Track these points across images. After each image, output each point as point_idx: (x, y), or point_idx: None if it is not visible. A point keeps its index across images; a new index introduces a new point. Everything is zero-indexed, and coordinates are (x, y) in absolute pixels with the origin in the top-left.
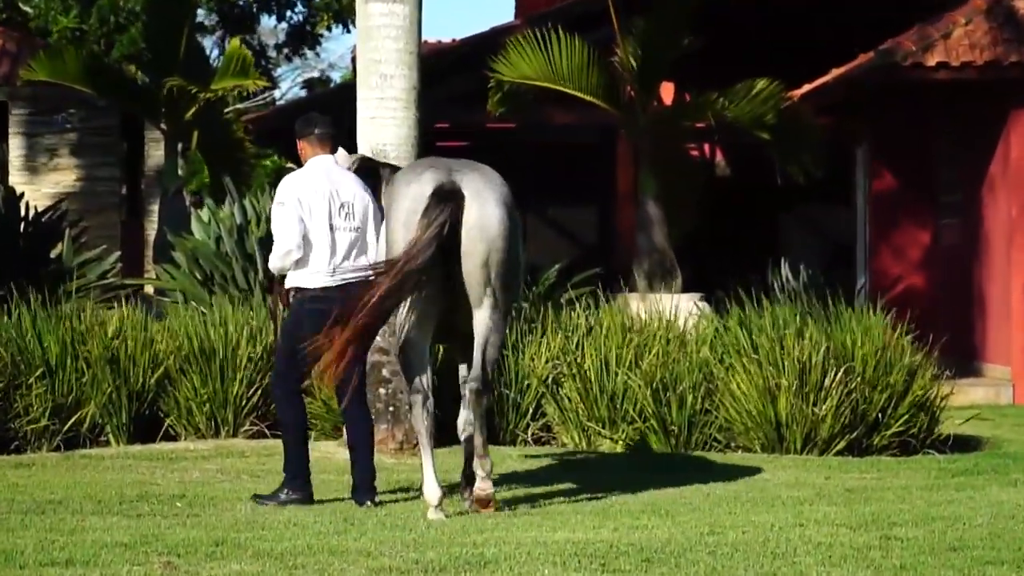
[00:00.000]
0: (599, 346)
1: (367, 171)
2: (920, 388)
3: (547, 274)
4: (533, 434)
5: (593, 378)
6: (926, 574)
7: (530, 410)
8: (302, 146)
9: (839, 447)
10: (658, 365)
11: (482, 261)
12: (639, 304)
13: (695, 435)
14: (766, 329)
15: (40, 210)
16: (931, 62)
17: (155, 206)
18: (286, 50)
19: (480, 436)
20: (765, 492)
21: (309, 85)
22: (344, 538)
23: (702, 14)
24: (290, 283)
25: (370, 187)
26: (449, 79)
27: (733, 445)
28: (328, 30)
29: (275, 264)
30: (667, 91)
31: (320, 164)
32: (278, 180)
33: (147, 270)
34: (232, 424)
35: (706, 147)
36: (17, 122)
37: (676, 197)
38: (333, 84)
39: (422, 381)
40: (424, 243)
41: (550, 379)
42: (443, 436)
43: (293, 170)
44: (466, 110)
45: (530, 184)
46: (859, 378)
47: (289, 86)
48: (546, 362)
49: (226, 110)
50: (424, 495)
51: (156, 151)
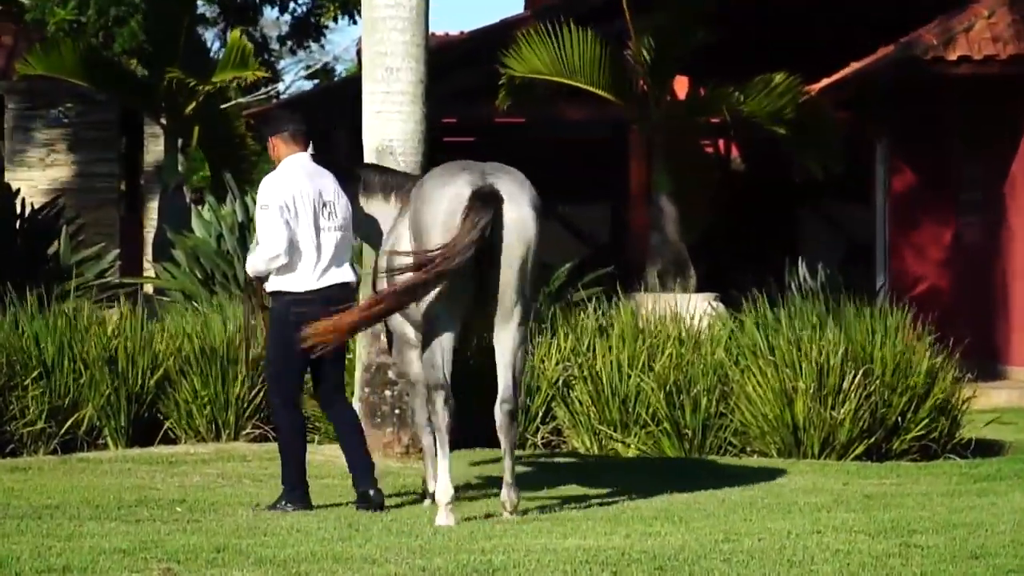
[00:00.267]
0: (611, 347)
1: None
2: (941, 391)
3: (558, 273)
4: (543, 438)
5: (605, 380)
6: None
7: (540, 414)
8: (275, 144)
9: (858, 452)
10: (672, 367)
11: (520, 265)
12: (652, 304)
13: (710, 439)
14: (783, 330)
15: (37, 207)
16: (952, 56)
17: (154, 203)
18: (290, 43)
19: (511, 460)
20: (782, 498)
21: (313, 75)
22: (348, 544)
23: (717, 6)
24: (274, 287)
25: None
26: (457, 73)
27: (749, 449)
28: (334, 21)
29: (258, 267)
30: (681, 85)
31: (298, 163)
32: None
33: (146, 268)
34: (233, 427)
35: (721, 143)
36: (13, 116)
37: (690, 194)
38: (338, 76)
39: (446, 378)
40: (465, 245)
41: (560, 381)
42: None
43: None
44: (474, 105)
45: (540, 181)
46: (878, 381)
47: (292, 79)
48: (556, 364)
49: (227, 104)
50: (437, 496)
51: (156, 146)
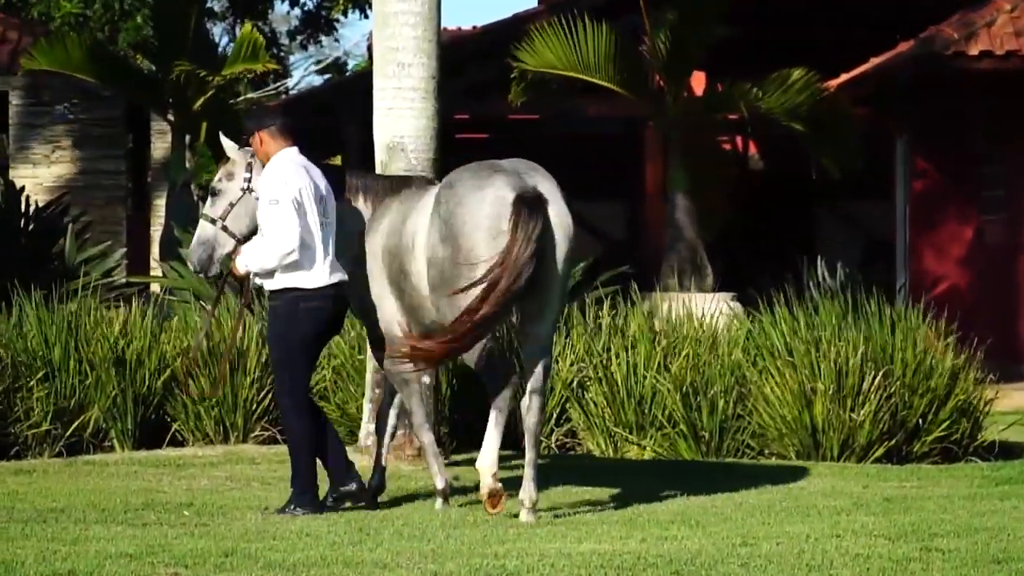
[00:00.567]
0: (627, 348)
1: None
2: (962, 392)
3: (572, 272)
4: (557, 440)
5: (620, 382)
6: None
7: (554, 415)
8: (262, 139)
9: (878, 454)
10: (688, 368)
11: (564, 262)
12: (668, 304)
13: (727, 441)
14: (801, 330)
15: (42, 204)
16: (974, 51)
17: (162, 200)
18: (300, 38)
19: (535, 452)
20: (800, 501)
21: (324, 71)
22: (359, 549)
23: (734, 2)
24: (281, 284)
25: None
26: (469, 68)
27: (767, 452)
28: (344, 15)
29: (267, 264)
30: (697, 81)
31: (294, 157)
32: None
33: (153, 267)
34: (242, 429)
35: (738, 139)
36: (17, 113)
37: (707, 191)
38: (349, 71)
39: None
40: (526, 260)
41: (575, 383)
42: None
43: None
44: (487, 101)
45: (555, 177)
46: (899, 382)
47: (302, 75)
48: (571, 365)
49: (236, 100)
50: (482, 465)
51: (163, 143)
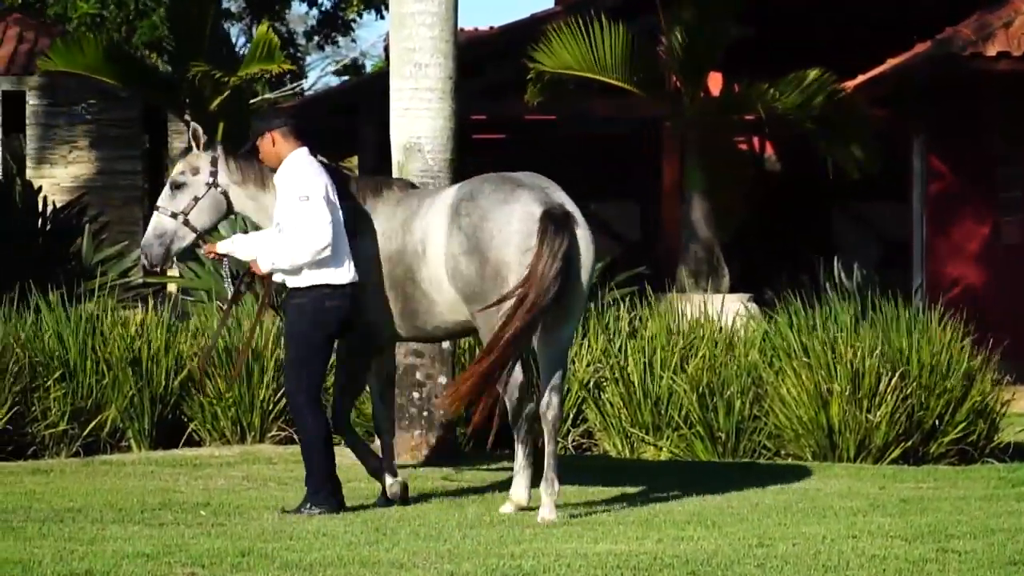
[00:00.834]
0: (643, 349)
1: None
2: (979, 394)
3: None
4: (574, 441)
5: (636, 382)
6: None
7: (570, 416)
8: (275, 139)
9: (894, 455)
10: (705, 369)
11: (589, 278)
12: (685, 304)
13: (743, 442)
14: (818, 331)
15: (59, 205)
16: (991, 52)
17: None
18: (316, 38)
19: (554, 445)
20: (816, 502)
21: (341, 72)
22: (376, 549)
23: (751, 1)
24: (310, 281)
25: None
26: (486, 69)
27: (783, 453)
28: (359, 16)
29: (298, 261)
30: (714, 81)
31: (309, 157)
32: None
33: (170, 268)
34: (259, 429)
35: (755, 140)
36: (34, 113)
37: (724, 192)
38: (365, 72)
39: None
40: (554, 276)
41: (591, 383)
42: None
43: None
44: (504, 101)
45: (570, 178)
46: (915, 383)
47: (319, 76)
48: (587, 365)
49: (253, 100)
50: (516, 499)
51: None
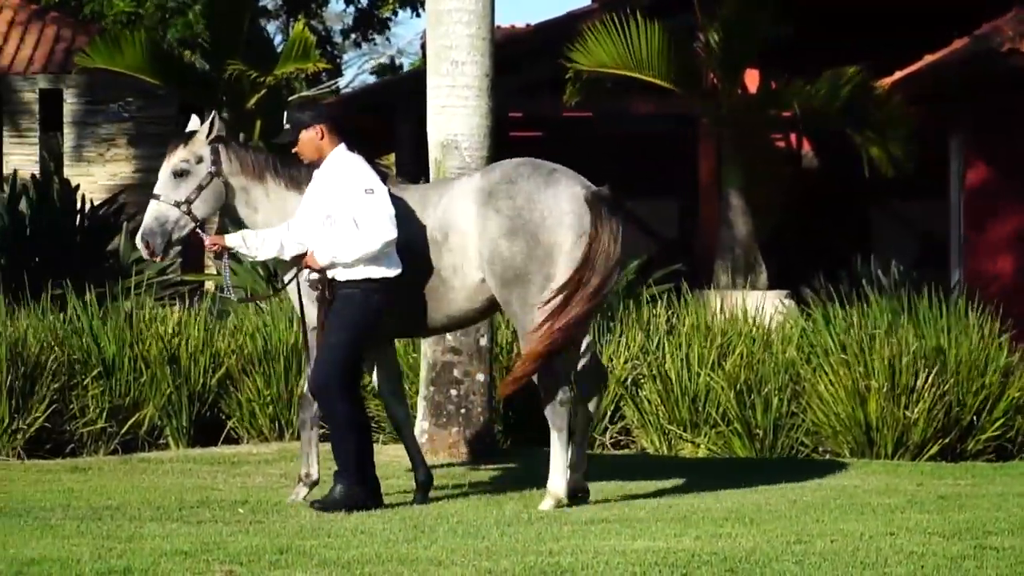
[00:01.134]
0: (680, 346)
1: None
2: (1017, 390)
3: (626, 270)
4: (611, 438)
5: (674, 379)
6: None
7: (608, 413)
8: (322, 131)
9: (932, 452)
10: (742, 366)
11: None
12: (722, 302)
13: (781, 439)
14: (855, 328)
15: (96, 203)
16: None
17: None
18: (353, 35)
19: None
20: (854, 499)
21: (378, 72)
22: (414, 546)
23: None
24: (364, 274)
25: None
26: (523, 66)
27: (821, 449)
28: (395, 14)
29: (369, 252)
30: (751, 78)
31: (353, 152)
32: None
33: (207, 265)
34: (297, 426)
35: (792, 137)
36: (72, 111)
37: (761, 189)
38: (403, 71)
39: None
40: (617, 259)
41: (629, 380)
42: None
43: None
44: (541, 99)
45: (607, 176)
46: (952, 380)
47: (356, 73)
48: (625, 362)
49: (291, 98)
50: (552, 490)
51: None
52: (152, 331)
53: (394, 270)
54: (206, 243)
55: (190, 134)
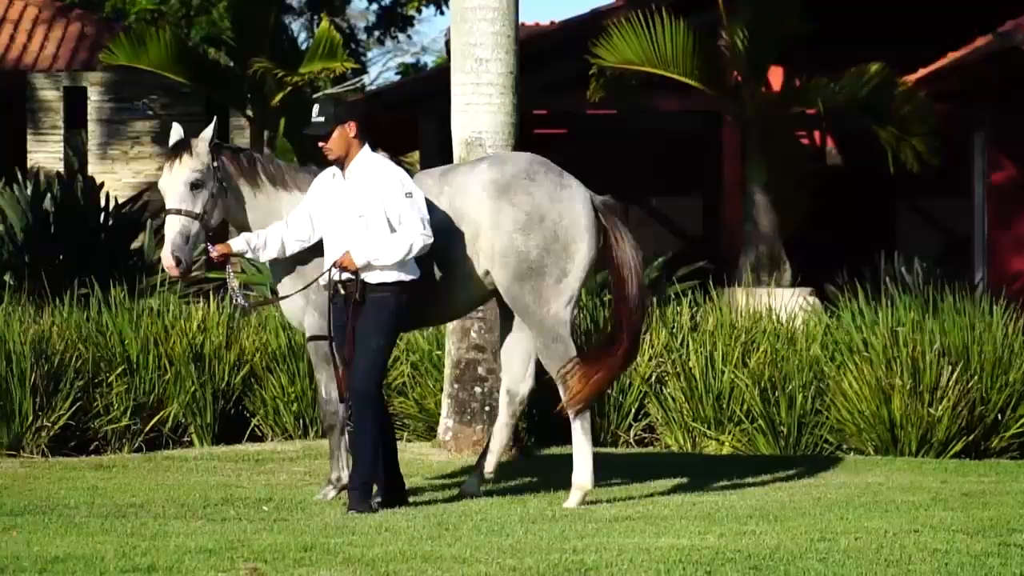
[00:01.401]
0: (704, 343)
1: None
2: None
3: (650, 268)
4: (635, 435)
5: (698, 377)
6: None
7: (632, 410)
8: (354, 128)
9: (956, 449)
10: (766, 363)
11: None
12: (746, 299)
13: (805, 436)
14: (879, 325)
15: (121, 201)
16: None
17: None
18: (377, 33)
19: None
20: (878, 496)
21: (403, 72)
22: (438, 544)
23: None
24: (396, 277)
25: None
26: (548, 63)
27: (845, 447)
28: (418, 12)
29: (409, 255)
30: (775, 76)
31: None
32: None
33: (232, 263)
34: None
35: (816, 134)
36: (96, 109)
37: (785, 186)
38: (426, 69)
39: None
40: (639, 264)
41: (653, 378)
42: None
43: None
44: (565, 96)
45: (632, 173)
46: (977, 377)
47: (380, 71)
48: (649, 360)
49: (316, 96)
50: (578, 482)
51: (241, 139)
52: (176, 328)
53: (416, 273)
54: (212, 253)
55: (186, 143)
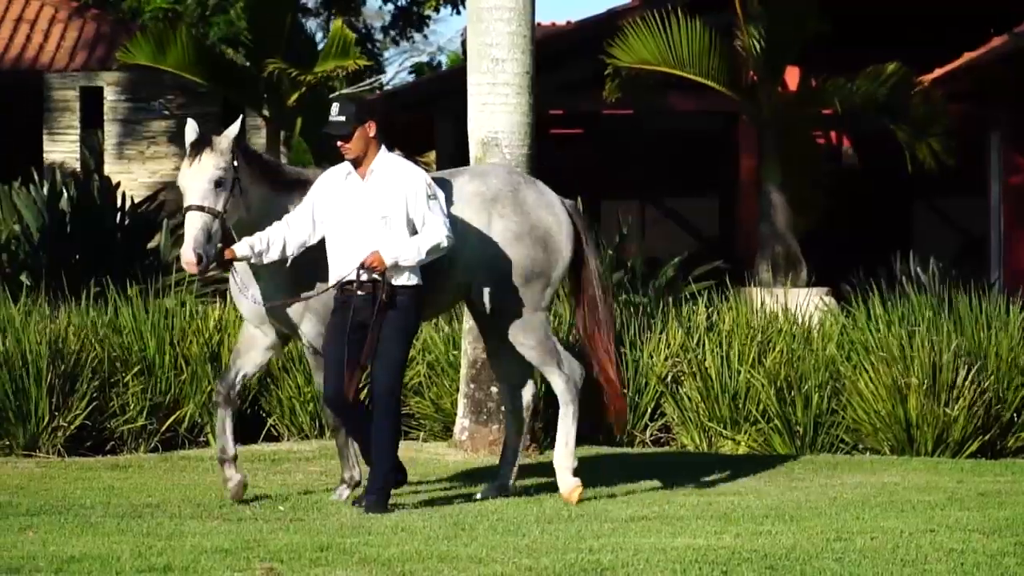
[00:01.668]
0: (721, 343)
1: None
2: None
3: (666, 268)
4: (651, 435)
5: (714, 376)
6: None
7: (648, 410)
8: (372, 128)
9: (972, 449)
10: (782, 363)
11: None
12: (762, 299)
13: (821, 436)
14: (895, 325)
15: (137, 201)
16: None
17: None
18: (393, 32)
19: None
20: (894, 496)
21: (418, 71)
22: (454, 543)
23: None
24: (416, 280)
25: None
26: (564, 63)
27: (861, 447)
28: (435, 11)
29: (430, 256)
30: (791, 76)
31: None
32: None
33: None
34: (327, 426)
35: (832, 134)
36: (113, 109)
37: (801, 186)
38: (442, 69)
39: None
40: (600, 264)
41: (669, 377)
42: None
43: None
44: (582, 96)
45: (648, 173)
46: (993, 377)
47: (396, 71)
48: (665, 360)
49: (332, 96)
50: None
51: (258, 138)
52: (193, 328)
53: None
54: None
55: (208, 139)
